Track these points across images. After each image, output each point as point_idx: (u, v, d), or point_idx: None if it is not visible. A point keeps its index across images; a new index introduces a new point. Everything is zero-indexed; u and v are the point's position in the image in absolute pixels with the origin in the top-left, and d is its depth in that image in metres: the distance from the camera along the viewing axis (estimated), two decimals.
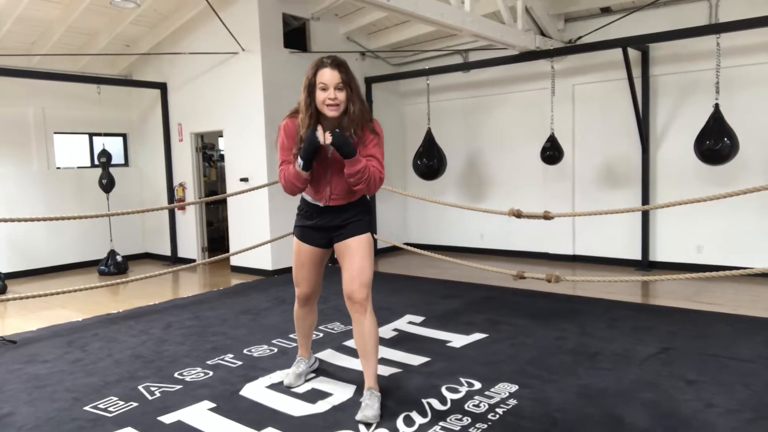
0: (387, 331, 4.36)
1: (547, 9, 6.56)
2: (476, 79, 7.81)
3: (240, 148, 7.02)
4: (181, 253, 8.02)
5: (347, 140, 2.75)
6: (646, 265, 6.61)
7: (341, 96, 2.75)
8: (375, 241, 7.62)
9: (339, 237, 3.00)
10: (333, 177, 2.90)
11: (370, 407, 2.86)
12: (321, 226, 3.03)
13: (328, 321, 4.60)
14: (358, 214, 3.00)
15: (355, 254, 2.94)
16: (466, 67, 7.44)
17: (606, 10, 6.70)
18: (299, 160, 2.80)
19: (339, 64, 2.78)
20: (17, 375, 3.68)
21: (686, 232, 6.40)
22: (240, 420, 2.92)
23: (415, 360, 3.72)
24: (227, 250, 7.17)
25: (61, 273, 7.52)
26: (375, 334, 2.95)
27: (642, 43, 6.09)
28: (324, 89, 2.75)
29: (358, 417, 2.84)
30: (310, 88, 2.78)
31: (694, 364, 3.52)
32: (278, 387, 3.33)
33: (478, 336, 4.20)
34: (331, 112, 2.77)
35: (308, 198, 3.06)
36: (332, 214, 2.99)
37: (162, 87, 7.81)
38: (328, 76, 2.74)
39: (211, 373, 3.59)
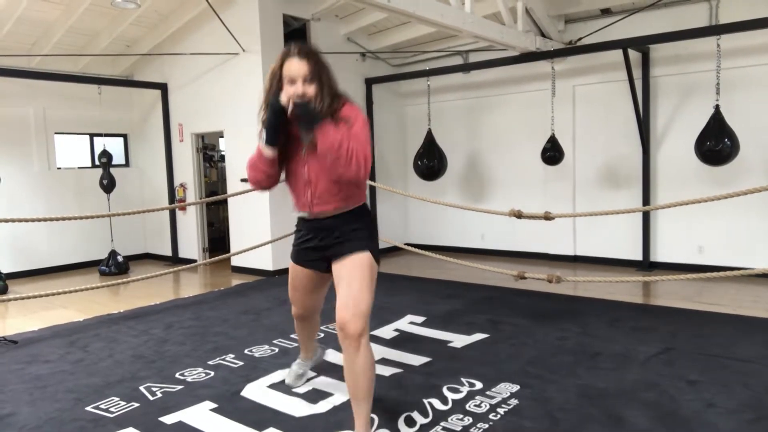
0: (388, 332, 4.37)
1: (547, 10, 6.56)
2: (477, 80, 7.81)
3: (241, 148, 7.02)
4: (182, 253, 8.03)
5: (312, 109, 2.32)
6: (647, 265, 6.62)
7: (310, 91, 2.35)
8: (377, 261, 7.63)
9: (335, 256, 2.56)
10: (312, 175, 2.48)
11: None
12: (314, 247, 2.64)
13: (330, 321, 4.58)
14: (357, 230, 2.54)
15: (351, 277, 2.46)
16: (467, 68, 7.45)
17: (606, 12, 6.70)
18: (262, 134, 2.43)
19: (308, 53, 2.39)
20: (18, 375, 3.69)
21: (687, 232, 6.40)
22: (241, 420, 2.92)
23: (416, 360, 3.72)
24: (228, 251, 7.17)
25: (62, 273, 7.53)
26: (369, 373, 2.42)
27: (642, 44, 6.09)
28: (292, 83, 2.36)
29: None
30: (277, 80, 2.42)
31: (695, 364, 3.52)
32: (279, 387, 3.33)
33: (479, 336, 4.21)
34: None
35: (295, 211, 2.66)
36: (324, 229, 2.56)
37: (163, 87, 7.82)
38: (296, 67, 2.35)
39: (212, 374, 3.60)
